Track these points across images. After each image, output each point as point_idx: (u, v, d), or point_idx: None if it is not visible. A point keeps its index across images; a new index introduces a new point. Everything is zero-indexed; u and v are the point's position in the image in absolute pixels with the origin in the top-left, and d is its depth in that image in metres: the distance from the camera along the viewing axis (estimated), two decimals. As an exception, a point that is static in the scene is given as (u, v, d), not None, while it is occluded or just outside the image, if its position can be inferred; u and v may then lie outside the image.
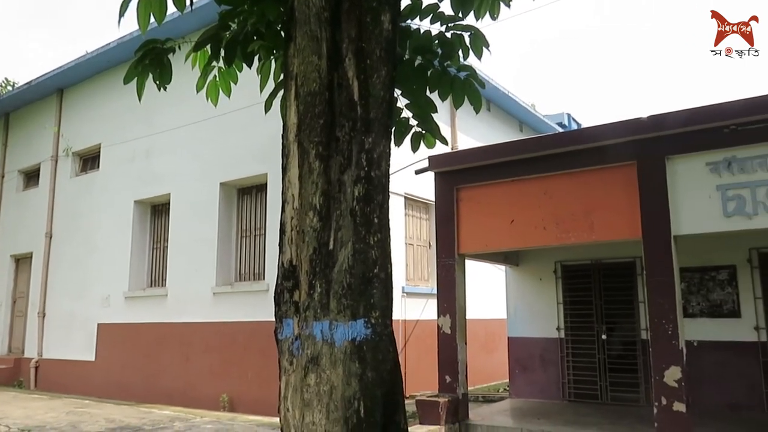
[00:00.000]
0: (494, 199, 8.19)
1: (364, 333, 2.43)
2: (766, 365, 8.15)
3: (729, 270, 8.60)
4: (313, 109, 2.53)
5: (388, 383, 2.49)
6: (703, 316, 8.69)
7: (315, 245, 2.47)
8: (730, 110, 6.68)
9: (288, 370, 2.52)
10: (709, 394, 8.38)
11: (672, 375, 6.58)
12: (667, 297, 6.76)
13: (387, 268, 2.56)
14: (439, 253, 8.47)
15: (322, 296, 2.44)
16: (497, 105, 15.40)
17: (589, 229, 7.42)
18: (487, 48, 3.71)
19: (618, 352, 9.41)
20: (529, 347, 10.11)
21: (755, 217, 6.43)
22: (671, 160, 6.98)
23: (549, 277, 10.07)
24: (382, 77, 2.61)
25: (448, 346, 8.09)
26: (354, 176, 2.51)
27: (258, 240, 11.08)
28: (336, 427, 2.36)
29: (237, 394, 10.30)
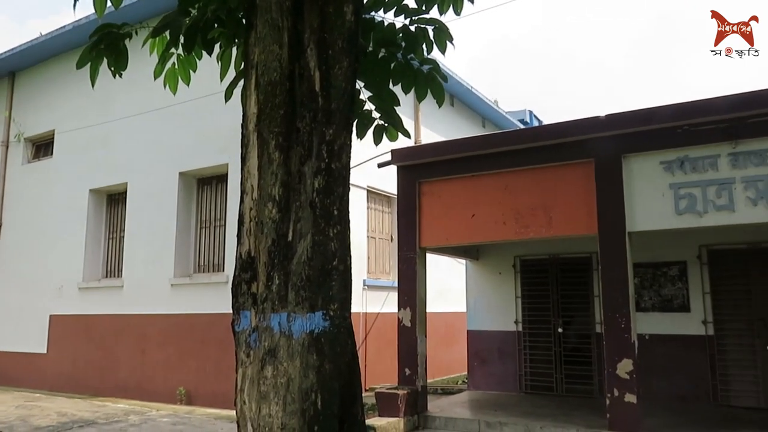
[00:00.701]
0: (456, 194, 8.26)
1: (323, 325, 2.42)
2: (713, 358, 8.47)
3: (680, 266, 8.89)
4: (274, 99, 2.49)
5: (345, 375, 2.49)
6: (654, 310, 8.97)
7: (274, 237, 2.44)
8: (684, 111, 6.89)
9: (245, 363, 2.49)
10: (659, 385, 8.67)
11: (624, 367, 6.77)
12: (621, 292, 6.95)
13: (346, 260, 2.55)
14: (401, 247, 8.52)
15: (281, 288, 2.42)
16: (460, 100, 15.51)
17: (548, 224, 7.56)
18: (451, 42, 3.73)
19: (573, 345, 9.64)
20: (487, 340, 10.26)
21: (705, 215, 6.66)
22: (627, 158, 7.16)
23: (508, 272, 10.23)
24: (344, 68, 2.59)
25: (408, 338, 8.15)
26: (314, 168, 2.48)
27: (218, 231, 10.92)
28: (293, 420, 2.34)
29: (194, 387, 10.16)
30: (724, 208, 6.56)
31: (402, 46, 3.67)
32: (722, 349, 8.47)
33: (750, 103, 6.55)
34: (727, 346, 8.46)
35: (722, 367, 8.42)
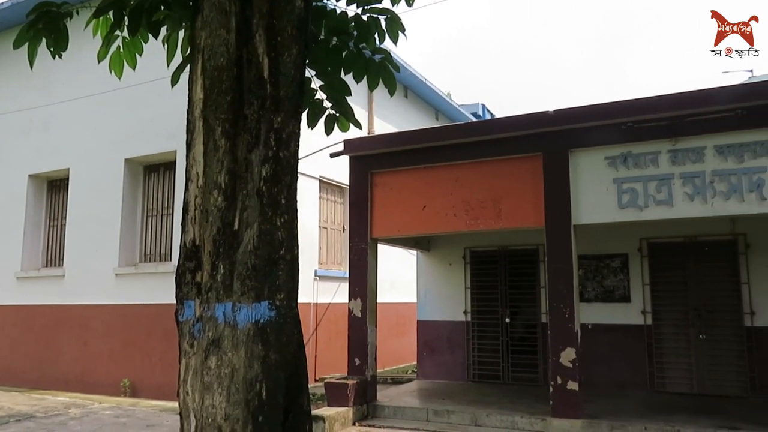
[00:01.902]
0: (407, 185, 8.31)
1: (269, 315, 2.39)
2: (651, 346, 8.83)
3: (621, 258, 9.21)
4: (220, 85, 2.44)
5: (291, 365, 2.47)
6: (597, 300, 9.28)
7: (219, 225, 2.40)
8: (628, 108, 7.11)
9: (188, 353, 2.44)
10: (600, 373, 8.98)
11: (567, 356, 6.99)
12: (566, 283, 7.15)
13: (293, 249, 2.52)
14: (352, 237, 8.52)
15: (226, 277, 2.38)
16: (414, 92, 15.56)
17: (497, 216, 7.69)
18: (403, 33, 3.73)
19: (520, 335, 9.88)
20: (437, 330, 10.40)
21: (646, 209, 6.92)
22: (574, 153, 7.35)
23: (458, 263, 10.38)
24: (293, 56, 2.56)
25: (358, 329, 8.18)
26: (262, 156, 2.45)
27: (165, 219, 10.66)
28: (237, 410, 2.32)
29: (139, 379, 9.93)
30: (664, 203, 6.82)
31: (354, 35, 3.65)
32: (659, 338, 8.84)
33: (689, 102, 6.81)
34: (664, 335, 8.83)
35: (659, 355, 8.79)
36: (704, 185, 6.65)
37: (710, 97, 6.74)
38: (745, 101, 6.57)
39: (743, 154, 6.53)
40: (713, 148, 6.67)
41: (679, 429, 6.48)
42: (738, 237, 8.53)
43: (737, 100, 6.59)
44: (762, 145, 6.46)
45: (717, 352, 8.49)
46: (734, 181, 6.53)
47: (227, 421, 2.32)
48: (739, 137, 6.57)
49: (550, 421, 6.96)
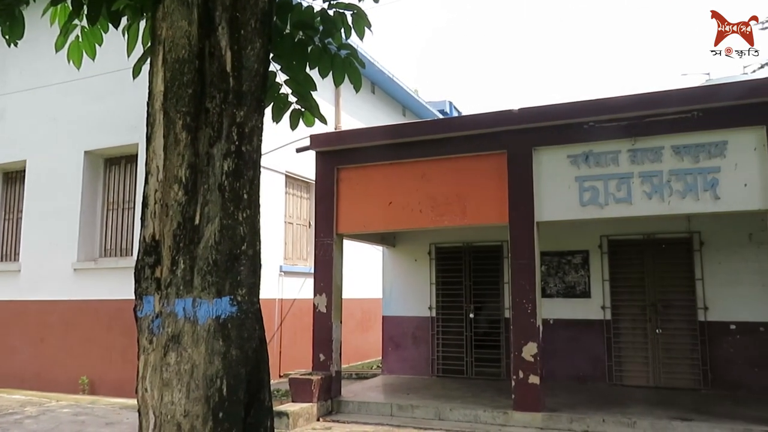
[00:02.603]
0: (373, 181, 8.32)
1: (230, 311, 2.37)
2: (609, 341, 9.05)
3: (583, 255, 9.41)
4: (182, 77, 2.40)
5: (253, 361, 2.45)
6: (559, 296, 9.46)
7: (180, 220, 2.36)
8: (589, 108, 7.26)
9: (147, 349, 2.41)
10: (561, 367, 9.17)
11: (529, 350, 7.11)
12: (529, 279, 7.27)
13: (255, 245, 2.50)
14: (318, 233, 8.50)
15: (186, 273, 2.35)
16: (381, 88, 15.57)
17: (462, 213, 7.77)
18: (369, 28, 3.73)
19: (484, 330, 10.01)
20: (402, 325, 10.46)
21: (606, 206, 7.08)
22: (537, 151, 7.47)
23: (423, 259, 10.45)
24: (256, 49, 2.53)
25: (323, 324, 8.17)
26: (224, 150, 2.42)
27: (126, 214, 10.44)
28: (197, 406, 2.29)
29: (98, 376, 9.72)
30: (623, 201, 7.00)
31: (320, 30, 3.63)
32: (618, 333, 9.06)
33: (647, 103, 6.99)
34: (622, 330, 9.07)
35: (617, 349, 9.02)
36: (662, 184, 6.84)
37: (668, 99, 6.93)
38: (701, 103, 6.77)
39: (698, 154, 6.73)
40: (670, 148, 6.86)
41: (636, 420, 6.66)
42: (693, 235, 8.80)
43: (693, 102, 6.80)
44: (716, 146, 6.67)
45: (672, 346, 8.76)
46: (690, 181, 6.73)
47: (187, 417, 2.29)
48: (694, 138, 6.77)
49: (512, 414, 7.09)
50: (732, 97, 6.72)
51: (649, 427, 6.58)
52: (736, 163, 6.61)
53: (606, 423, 6.74)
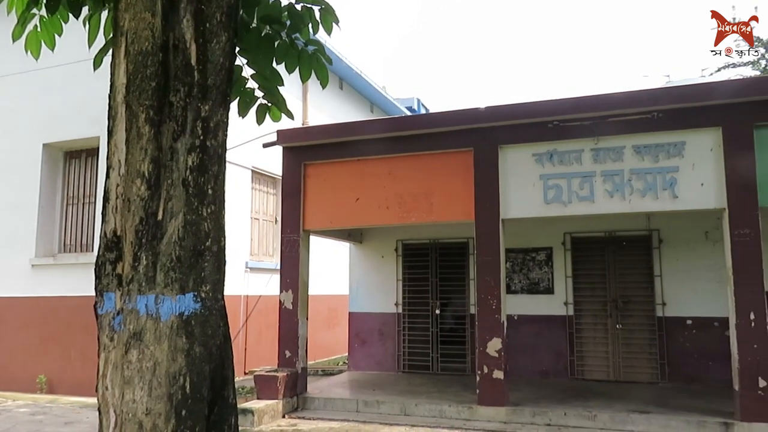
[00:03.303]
0: (341, 177, 8.31)
1: (193, 307, 2.34)
2: (572, 336, 9.23)
3: (547, 251, 9.57)
4: (145, 70, 2.35)
5: (217, 358, 2.43)
6: (523, 292, 9.60)
7: (142, 215, 2.32)
8: (554, 107, 7.38)
9: (108, 347, 2.36)
10: (524, 362, 9.32)
11: (493, 346, 7.21)
12: (494, 275, 7.36)
13: (220, 241, 2.48)
14: (284, 229, 8.45)
15: (148, 269, 2.31)
16: (349, 84, 15.53)
17: (429, 210, 7.82)
18: (337, 24, 3.71)
19: (450, 326, 10.10)
20: (368, 322, 10.47)
21: (570, 204, 7.21)
22: (503, 149, 7.56)
23: (390, 255, 10.48)
24: (222, 43, 2.50)
25: (289, 321, 8.13)
26: (188, 144, 2.38)
27: (87, 208, 10.20)
28: (159, 404, 2.26)
29: (57, 375, 9.48)
30: (586, 199, 7.14)
31: (287, 25, 3.60)
32: (580, 328, 9.25)
33: (610, 103, 7.15)
34: (584, 325, 9.26)
35: (579, 345, 9.21)
36: (623, 183, 7.00)
37: (629, 100, 7.09)
38: (660, 104, 6.95)
39: (658, 154, 6.91)
40: (631, 147, 7.02)
41: (596, 414, 6.82)
42: (652, 232, 9.04)
43: (654, 103, 6.97)
44: (675, 146, 6.86)
45: (632, 341, 8.99)
46: (650, 180, 6.91)
47: (149, 415, 2.26)
48: (654, 138, 6.95)
49: (477, 409, 7.18)
50: (690, 99, 6.92)
51: (609, 420, 6.75)
52: (693, 163, 6.81)
53: (567, 416, 6.88)
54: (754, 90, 6.89)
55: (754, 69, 14.41)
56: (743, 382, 6.34)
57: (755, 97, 6.67)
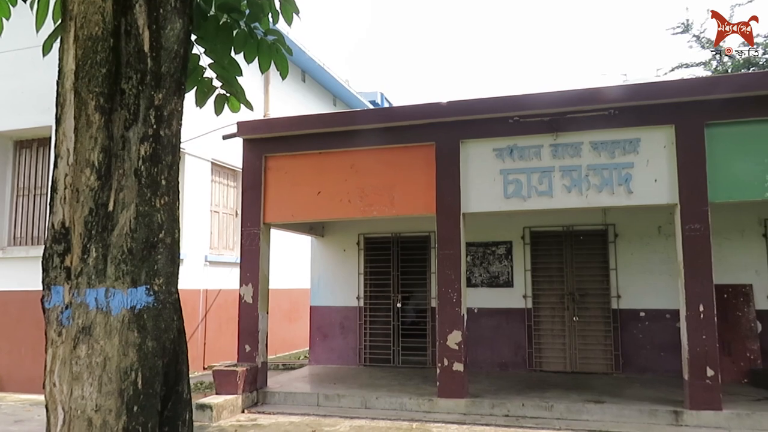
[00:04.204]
0: (302, 170, 8.23)
1: (146, 301, 2.29)
2: (530, 328, 9.39)
3: (506, 245, 9.69)
4: (95, 56, 2.28)
5: (170, 353, 2.38)
6: (483, 286, 9.71)
7: (92, 206, 2.25)
8: (514, 103, 7.46)
9: (56, 342, 2.29)
10: (484, 354, 9.44)
11: (454, 338, 7.28)
12: (454, 269, 7.42)
13: (174, 232, 2.42)
14: (244, 222, 8.33)
15: (98, 261, 2.24)
16: (312, 77, 15.41)
17: (390, 203, 7.82)
18: (297, 14, 3.66)
19: (411, 320, 10.15)
20: (330, 316, 10.44)
21: (529, 199, 7.32)
22: (465, 143, 7.62)
23: (352, 249, 10.46)
24: (176, 30, 2.43)
25: (249, 315, 8.04)
26: (140, 133, 2.32)
27: (39, 200, 9.86)
28: (109, 401, 2.20)
29: (7, 372, 9.16)
30: (545, 194, 7.25)
31: (246, 14, 3.54)
32: (538, 321, 9.42)
33: (568, 100, 7.27)
34: (542, 318, 9.43)
35: (537, 337, 9.38)
36: (580, 178, 7.14)
37: (587, 96, 7.23)
38: (617, 102, 7.10)
39: (614, 150, 7.07)
40: (589, 143, 7.16)
41: (552, 404, 6.96)
42: (608, 227, 9.26)
43: (611, 101, 7.12)
44: (630, 142, 7.03)
45: (588, 333, 9.20)
46: (606, 175, 7.06)
47: (98, 412, 2.20)
48: (611, 135, 7.10)
49: (437, 401, 7.24)
50: (645, 97, 7.09)
51: (565, 410, 6.89)
52: (647, 160, 6.99)
53: (525, 407, 7.00)
54: (706, 89, 7.10)
55: (706, 69, 14.89)
56: (692, 372, 6.57)
57: (706, 97, 6.88)
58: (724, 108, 6.80)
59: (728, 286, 8.52)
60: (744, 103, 6.76)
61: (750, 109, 6.74)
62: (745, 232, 8.71)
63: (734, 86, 7.08)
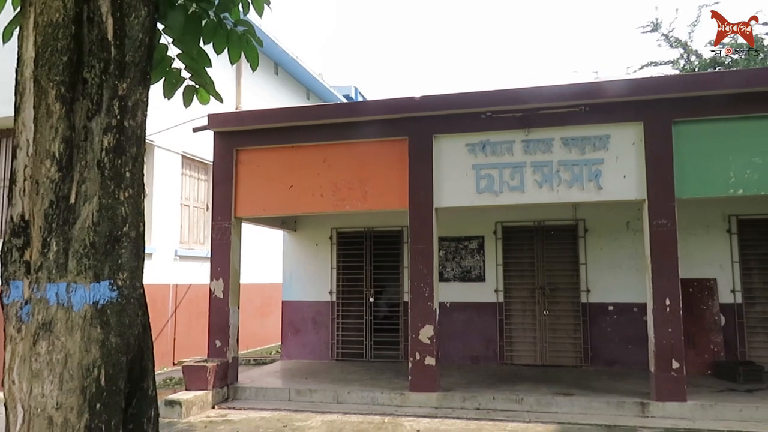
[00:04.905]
0: (274, 164, 8.16)
1: (109, 296, 2.23)
2: (501, 322, 9.48)
3: (479, 240, 9.75)
4: (55, 44, 2.20)
5: (135, 349, 2.33)
6: (455, 280, 9.76)
7: (52, 198, 2.18)
8: (487, 98, 7.50)
9: (15, 338, 2.22)
10: (456, 348, 9.51)
11: (426, 333, 7.30)
12: (427, 263, 7.44)
13: (138, 226, 2.36)
14: (215, 216, 8.23)
15: (59, 255, 2.17)
16: (285, 70, 15.27)
17: (363, 198, 7.80)
18: (268, 5, 3.61)
19: (384, 314, 10.16)
20: (302, 310, 10.39)
21: (501, 194, 7.37)
22: (438, 138, 7.63)
23: (325, 243, 10.41)
24: (141, 18, 2.37)
25: (219, 310, 7.95)
26: (104, 124, 2.25)
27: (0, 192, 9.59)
28: (71, 398, 2.14)
29: (-32, 370, 8.90)
30: (516, 189, 7.31)
31: (215, 3, 3.47)
32: (509, 315, 9.51)
33: (540, 96, 7.33)
34: (513, 312, 9.53)
35: (509, 331, 9.48)
36: (551, 174, 7.21)
37: (558, 93, 7.29)
38: (588, 98, 7.19)
39: (585, 146, 7.15)
40: (560, 140, 7.24)
41: (523, 397, 7.04)
42: (579, 222, 9.38)
43: (581, 97, 7.20)
44: (600, 139, 7.12)
45: (558, 327, 9.32)
46: (576, 171, 7.15)
47: (59, 410, 2.14)
48: (581, 131, 7.19)
49: (409, 395, 7.26)
50: (615, 95, 7.18)
51: (535, 402, 6.98)
52: (617, 156, 7.09)
53: (496, 400, 7.07)
54: (673, 87, 7.23)
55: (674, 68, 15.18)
56: (658, 364, 6.70)
57: (674, 94, 7.01)
58: (691, 106, 6.93)
59: (693, 280, 8.71)
60: (710, 101, 6.90)
61: (715, 108, 6.89)
62: (710, 227, 8.91)
63: (700, 85, 7.22)
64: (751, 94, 6.78)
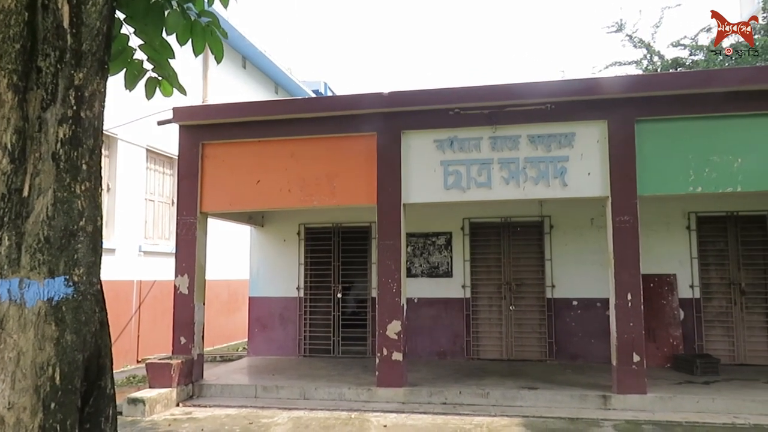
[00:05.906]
0: (241, 158, 8.06)
1: (64, 292, 2.16)
2: (468, 318, 9.56)
3: (446, 236, 9.81)
4: (7, 30, 2.12)
5: (92, 346, 2.27)
6: (423, 276, 9.80)
7: (4, 191, 2.10)
8: (455, 95, 7.53)
9: (-36, 336, 2.14)
10: (423, 343, 9.55)
11: (393, 328, 7.32)
12: (394, 259, 7.45)
13: (96, 220, 2.30)
14: (180, 211, 8.10)
15: (11, 250, 2.10)
16: (253, 64, 15.09)
17: (331, 193, 7.76)
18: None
19: (351, 310, 10.14)
20: (269, 306, 10.30)
21: (468, 190, 7.41)
22: (406, 134, 7.63)
23: (292, 239, 10.34)
24: (99, 5, 2.30)
25: (184, 306, 7.83)
26: (59, 115, 2.18)
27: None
28: (24, 398, 2.08)
29: None
30: (484, 185, 7.37)
31: (178, -7, 3.40)
32: (476, 310, 9.60)
33: (507, 93, 7.39)
34: (480, 307, 9.61)
35: (475, 326, 9.56)
36: (518, 170, 7.28)
37: (525, 91, 7.36)
38: (553, 97, 7.28)
39: (550, 144, 7.25)
40: (527, 137, 7.31)
41: (489, 391, 7.11)
42: (544, 218, 9.51)
43: (547, 95, 7.28)
44: (566, 136, 7.22)
45: (523, 322, 9.44)
46: (542, 168, 7.24)
47: (11, 410, 2.07)
48: (547, 129, 7.28)
49: (376, 390, 7.27)
50: (580, 93, 7.29)
51: (501, 396, 7.06)
52: (581, 154, 7.20)
53: (462, 395, 7.13)
54: (636, 87, 7.37)
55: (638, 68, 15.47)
56: (620, 358, 6.85)
57: (637, 94, 7.14)
58: (653, 105, 7.08)
59: (654, 275, 8.92)
60: (671, 101, 7.06)
61: (676, 107, 7.05)
62: (671, 224, 9.13)
63: (662, 85, 7.38)
64: (709, 94, 6.96)
